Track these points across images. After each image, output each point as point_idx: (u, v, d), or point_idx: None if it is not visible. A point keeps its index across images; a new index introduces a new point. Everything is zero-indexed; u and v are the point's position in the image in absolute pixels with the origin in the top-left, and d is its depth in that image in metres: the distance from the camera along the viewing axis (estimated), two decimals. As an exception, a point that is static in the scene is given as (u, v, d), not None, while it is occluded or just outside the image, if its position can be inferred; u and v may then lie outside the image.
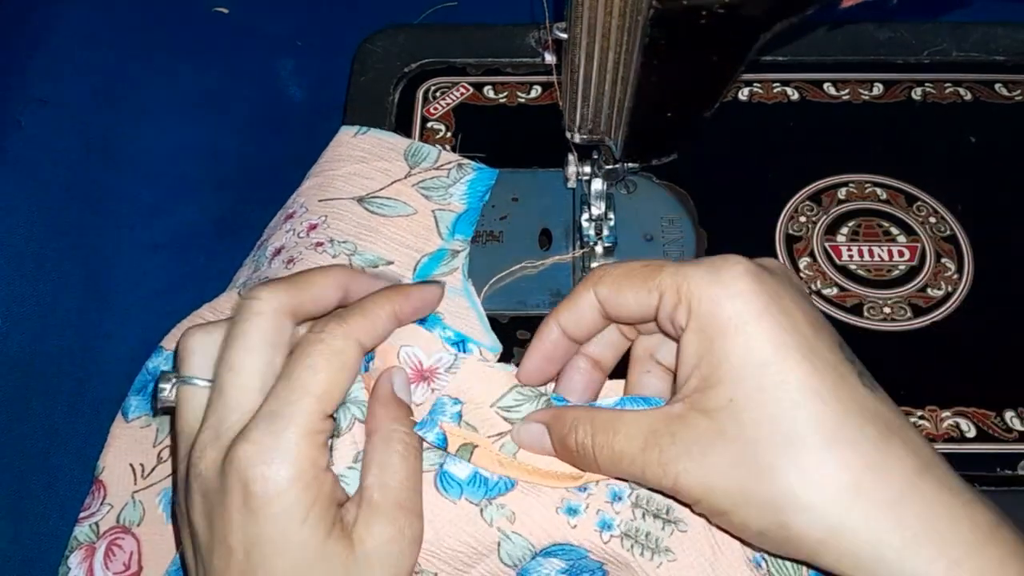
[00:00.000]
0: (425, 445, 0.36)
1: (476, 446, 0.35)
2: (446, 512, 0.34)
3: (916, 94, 0.56)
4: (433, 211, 0.48)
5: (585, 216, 0.47)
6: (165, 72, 0.64)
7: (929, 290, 0.48)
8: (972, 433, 0.44)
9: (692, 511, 0.32)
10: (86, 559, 0.39)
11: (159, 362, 0.44)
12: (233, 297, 0.44)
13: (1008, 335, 0.47)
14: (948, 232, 0.50)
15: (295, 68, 0.66)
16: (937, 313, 0.48)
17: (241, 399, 0.32)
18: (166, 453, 0.42)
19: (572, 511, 0.34)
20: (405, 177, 0.49)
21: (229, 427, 0.31)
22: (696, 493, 0.30)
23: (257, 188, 0.60)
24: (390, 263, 0.45)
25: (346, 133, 0.51)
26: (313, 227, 0.46)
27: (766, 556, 0.34)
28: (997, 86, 0.56)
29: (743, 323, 0.29)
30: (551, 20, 0.36)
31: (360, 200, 0.47)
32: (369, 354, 0.36)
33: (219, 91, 0.64)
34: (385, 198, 0.48)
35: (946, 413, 0.44)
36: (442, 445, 0.35)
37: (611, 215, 0.47)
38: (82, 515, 0.40)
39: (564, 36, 0.36)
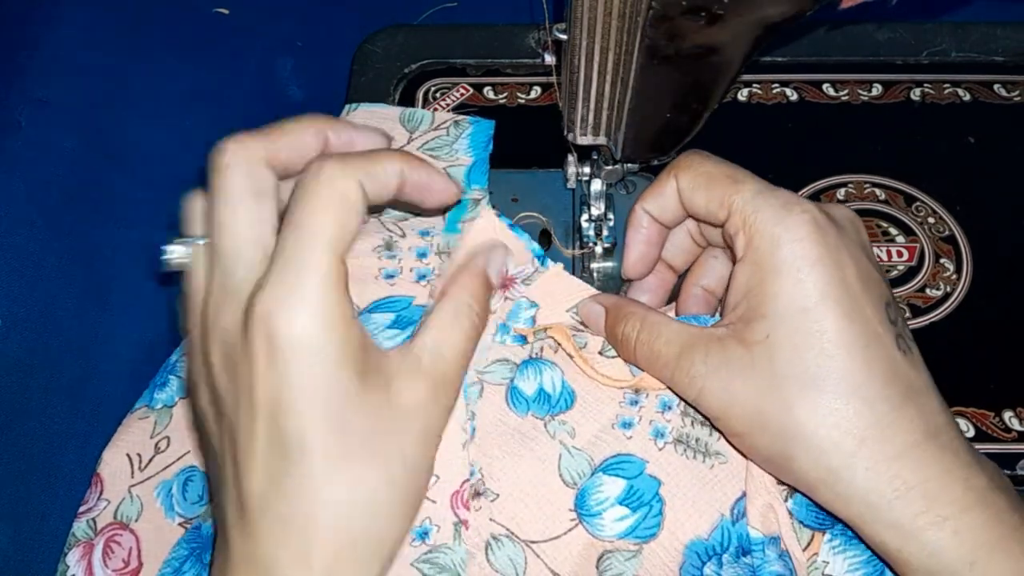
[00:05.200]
0: (502, 350, 0.38)
1: (549, 327, 0.38)
2: (513, 424, 0.36)
3: (915, 95, 0.56)
4: (444, 169, 0.48)
5: (585, 216, 0.48)
6: (165, 72, 0.64)
7: (928, 290, 0.48)
8: (971, 433, 0.44)
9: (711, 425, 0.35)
10: (84, 556, 0.39)
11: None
12: None
13: (1007, 335, 0.47)
14: (947, 232, 0.50)
15: (295, 68, 0.66)
16: (936, 313, 0.48)
17: (241, 253, 0.30)
18: (164, 444, 0.41)
19: (626, 425, 0.36)
20: (408, 143, 0.49)
21: (239, 281, 0.30)
22: (715, 410, 0.32)
23: (257, 188, 0.60)
24: (418, 214, 0.45)
25: (342, 115, 0.51)
26: None
27: None
28: (996, 86, 0.56)
29: (796, 268, 0.31)
30: (551, 21, 0.36)
31: None
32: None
33: (219, 91, 0.64)
34: None
35: (945, 413, 0.44)
36: (521, 341, 0.38)
37: (611, 215, 0.47)
38: (80, 510, 0.40)
39: (564, 37, 0.36)
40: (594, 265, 0.48)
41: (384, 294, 0.41)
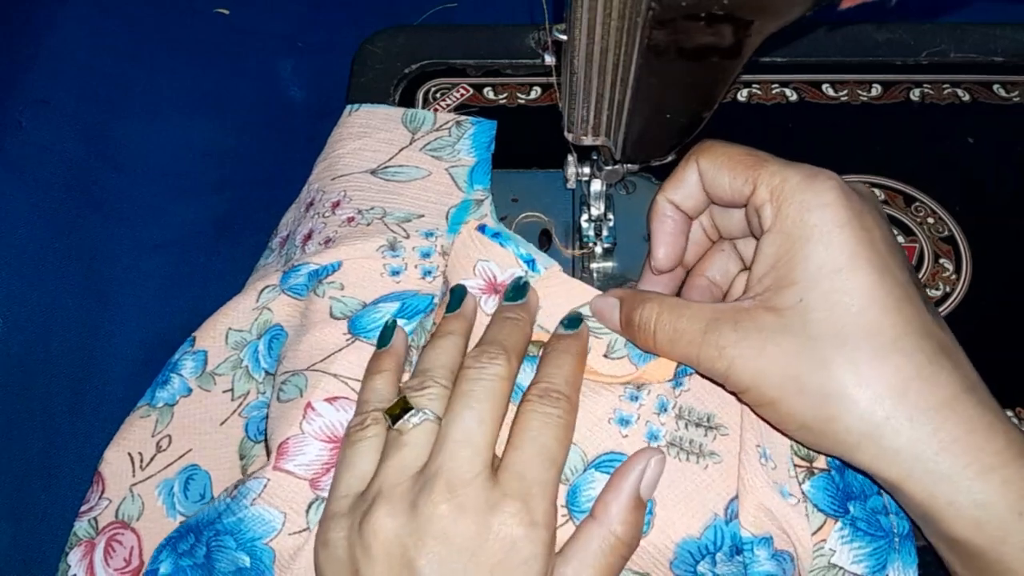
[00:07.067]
0: None
1: (544, 343, 0.38)
2: (511, 417, 0.36)
3: (914, 95, 0.56)
4: (447, 169, 0.48)
5: (585, 217, 0.48)
6: (165, 72, 0.64)
7: (927, 290, 0.48)
8: (970, 433, 0.44)
9: (737, 400, 0.34)
10: (86, 556, 0.39)
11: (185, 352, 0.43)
12: (252, 297, 0.43)
13: (1006, 335, 0.47)
14: (946, 233, 0.50)
15: (295, 68, 0.66)
16: (935, 313, 0.48)
17: (476, 467, 0.32)
18: (165, 443, 0.41)
19: (624, 422, 0.36)
20: (410, 144, 0.49)
21: (470, 479, 0.31)
22: (747, 380, 0.32)
23: (257, 188, 0.60)
24: (421, 216, 0.45)
25: (343, 115, 0.51)
26: (336, 204, 0.46)
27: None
28: (995, 87, 0.56)
29: (826, 231, 0.31)
30: (551, 21, 0.36)
31: (373, 172, 0.47)
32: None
33: (219, 91, 0.64)
34: (397, 166, 0.48)
35: (944, 413, 0.44)
36: None
37: (610, 215, 0.47)
38: (82, 509, 0.40)
39: (563, 37, 0.36)
40: (594, 265, 0.48)
41: (390, 290, 0.41)
